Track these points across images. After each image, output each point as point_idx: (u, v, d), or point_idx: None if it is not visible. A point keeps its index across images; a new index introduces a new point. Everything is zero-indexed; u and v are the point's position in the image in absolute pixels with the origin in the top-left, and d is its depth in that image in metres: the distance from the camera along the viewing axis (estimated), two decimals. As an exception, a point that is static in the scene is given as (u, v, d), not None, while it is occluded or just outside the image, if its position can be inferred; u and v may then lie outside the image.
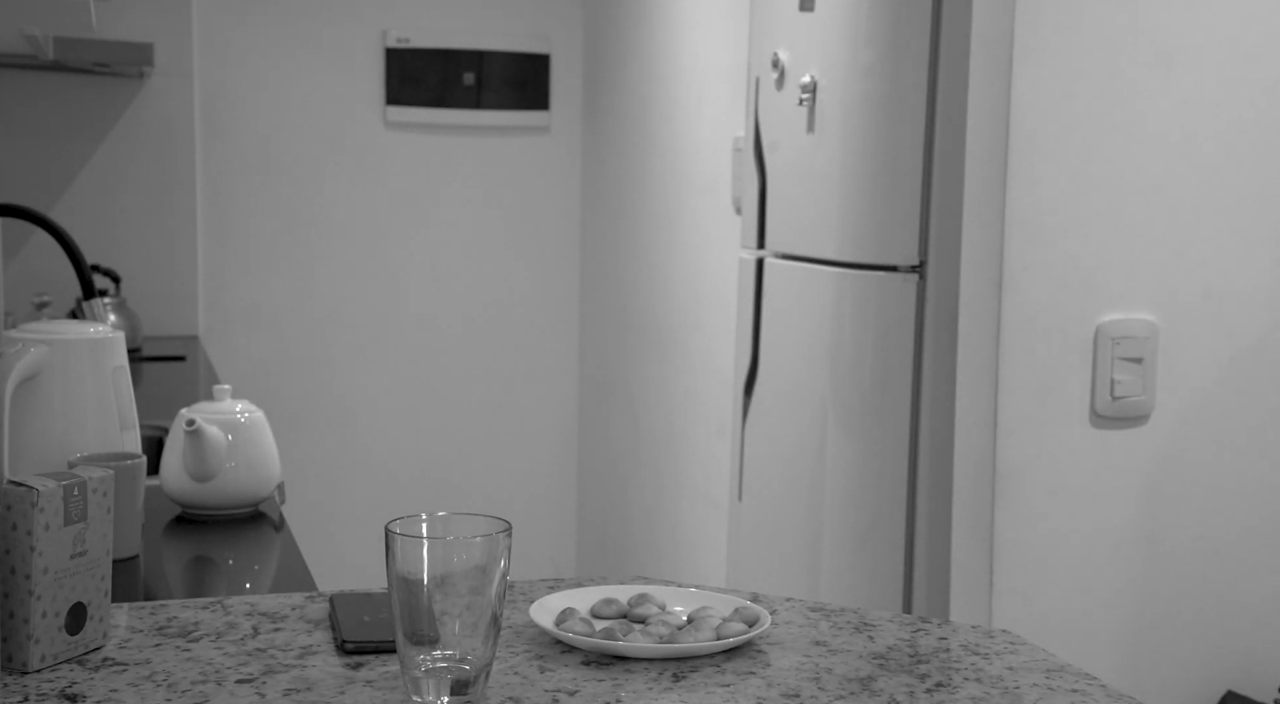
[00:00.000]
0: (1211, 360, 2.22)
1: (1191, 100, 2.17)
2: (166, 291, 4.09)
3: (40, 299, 3.58)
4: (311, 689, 1.02)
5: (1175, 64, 2.16)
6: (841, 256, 2.56)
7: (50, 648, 1.06)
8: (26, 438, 1.56)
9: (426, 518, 1.01)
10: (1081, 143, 2.15)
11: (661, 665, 1.08)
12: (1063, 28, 2.12)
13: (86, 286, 1.96)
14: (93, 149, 4.02)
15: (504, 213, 4.47)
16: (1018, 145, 2.13)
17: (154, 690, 1.01)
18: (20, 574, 1.04)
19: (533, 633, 1.16)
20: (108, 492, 1.10)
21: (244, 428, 1.76)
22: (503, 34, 4.46)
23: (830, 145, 2.63)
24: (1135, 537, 2.22)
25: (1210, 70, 2.17)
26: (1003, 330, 2.15)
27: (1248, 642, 2.28)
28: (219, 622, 1.18)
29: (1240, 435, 2.25)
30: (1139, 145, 2.17)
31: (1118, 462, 2.20)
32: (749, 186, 2.95)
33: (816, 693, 1.03)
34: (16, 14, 2.89)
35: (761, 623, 1.15)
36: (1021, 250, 2.14)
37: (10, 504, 1.04)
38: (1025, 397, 2.16)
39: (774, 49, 2.82)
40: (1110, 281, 2.18)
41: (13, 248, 3.62)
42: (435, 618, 0.96)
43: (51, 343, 1.58)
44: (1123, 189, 2.17)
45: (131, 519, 1.52)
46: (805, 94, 2.68)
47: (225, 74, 4.22)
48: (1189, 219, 2.19)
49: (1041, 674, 1.09)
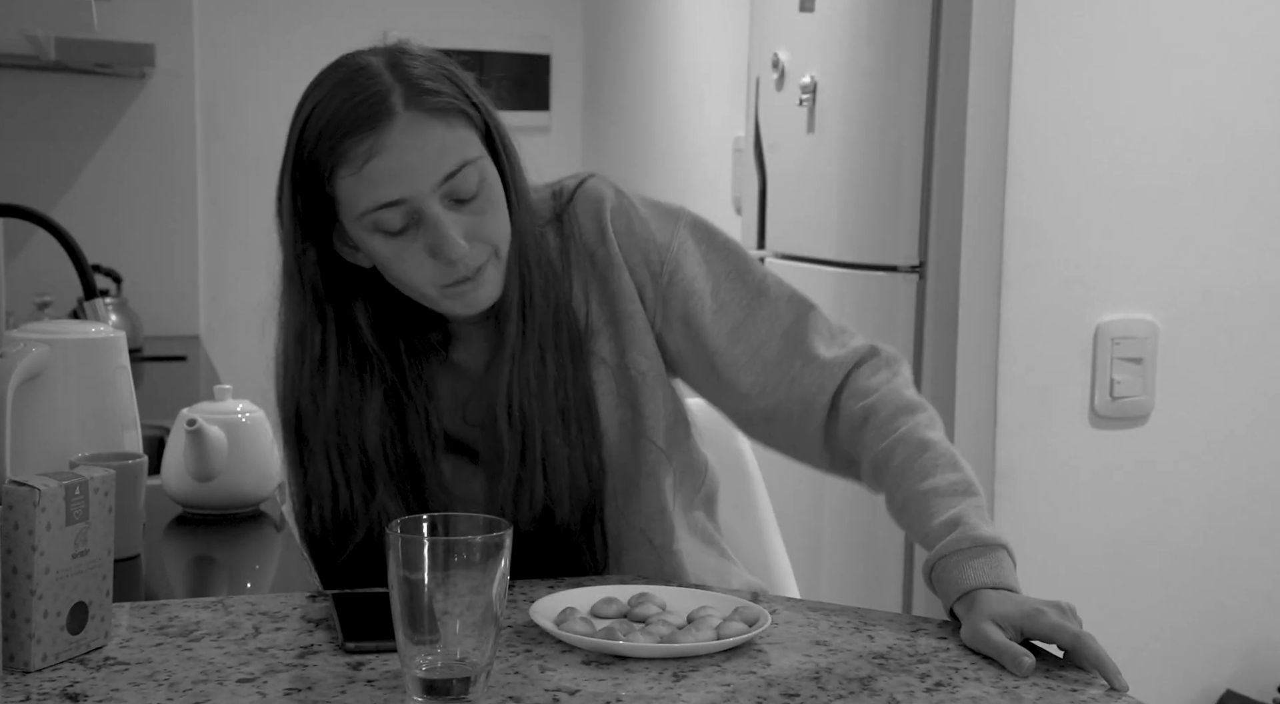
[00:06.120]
0: (1211, 360, 2.22)
1: (1190, 100, 2.17)
2: (167, 291, 4.10)
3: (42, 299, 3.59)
4: (312, 689, 1.02)
5: (1175, 64, 2.16)
6: (841, 257, 2.57)
7: (52, 647, 1.06)
8: (28, 438, 1.56)
9: (427, 518, 1.02)
10: (1081, 143, 2.15)
11: (661, 665, 1.09)
12: (1063, 28, 2.13)
13: (88, 287, 1.96)
14: (94, 149, 4.03)
15: (504, 213, 4.47)
16: (1018, 145, 2.13)
17: (155, 690, 1.01)
18: (22, 574, 1.04)
19: (533, 633, 1.16)
20: (109, 491, 1.11)
21: (245, 428, 1.76)
22: (503, 34, 4.46)
23: (830, 145, 2.64)
24: (1135, 536, 2.23)
25: (1210, 70, 2.18)
26: (1003, 330, 2.15)
27: (1247, 642, 2.28)
28: (220, 621, 1.18)
29: (1239, 435, 2.25)
30: (1139, 145, 2.17)
31: (1117, 461, 2.20)
32: (749, 186, 2.95)
33: (816, 693, 1.03)
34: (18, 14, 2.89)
35: (761, 623, 1.15)
36: (1021, 250, 2.14)
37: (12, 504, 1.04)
38: (1025, 396, 2.16)
39: (774, 49, 2.82)
40: (1110, 281, 2.18)
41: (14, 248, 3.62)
42: (436, 617, 0.97)
43: (53, 343, 1.58)
44: (1123, 189, 2.17)
45: (133, 519, 1.52)
46: (805, 94, 2.68)
47: (226, 74, 4.22)
48: (1189, 219, 2.19)
49: (1041, 674, 1.09)
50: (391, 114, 1.22)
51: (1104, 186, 2.16)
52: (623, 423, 1.40)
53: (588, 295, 1.39)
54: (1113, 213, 2.17)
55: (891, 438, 1.32)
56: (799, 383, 1.37)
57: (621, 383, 1.39)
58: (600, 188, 1.40)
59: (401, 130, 1.23)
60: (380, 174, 1.23)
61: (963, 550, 1.19)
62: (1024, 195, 2.14)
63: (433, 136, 1.23)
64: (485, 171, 1.27)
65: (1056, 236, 2.15)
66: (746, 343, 1.39)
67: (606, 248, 1.38)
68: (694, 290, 1.39)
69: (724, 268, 1.40)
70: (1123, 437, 2.21)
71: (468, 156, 1.25)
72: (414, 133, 1.23)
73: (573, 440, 1.36)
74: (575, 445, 1.36)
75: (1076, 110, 2.14)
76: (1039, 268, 2.15)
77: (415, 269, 1.27)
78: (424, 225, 1.25)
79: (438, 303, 1.31)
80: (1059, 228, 2.15)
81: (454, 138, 1.25)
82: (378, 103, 1.23)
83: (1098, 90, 2.14)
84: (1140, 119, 2.16)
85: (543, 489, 1.36)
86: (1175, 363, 2.21)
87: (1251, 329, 2.23)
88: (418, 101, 1.23)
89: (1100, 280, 2.17)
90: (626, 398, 1.39)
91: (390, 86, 1.24)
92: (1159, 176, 2.18)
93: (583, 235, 1.39)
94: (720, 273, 1.40)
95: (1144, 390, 2.20)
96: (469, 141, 1.26)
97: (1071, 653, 1.11)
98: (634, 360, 1.39)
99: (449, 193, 1.25)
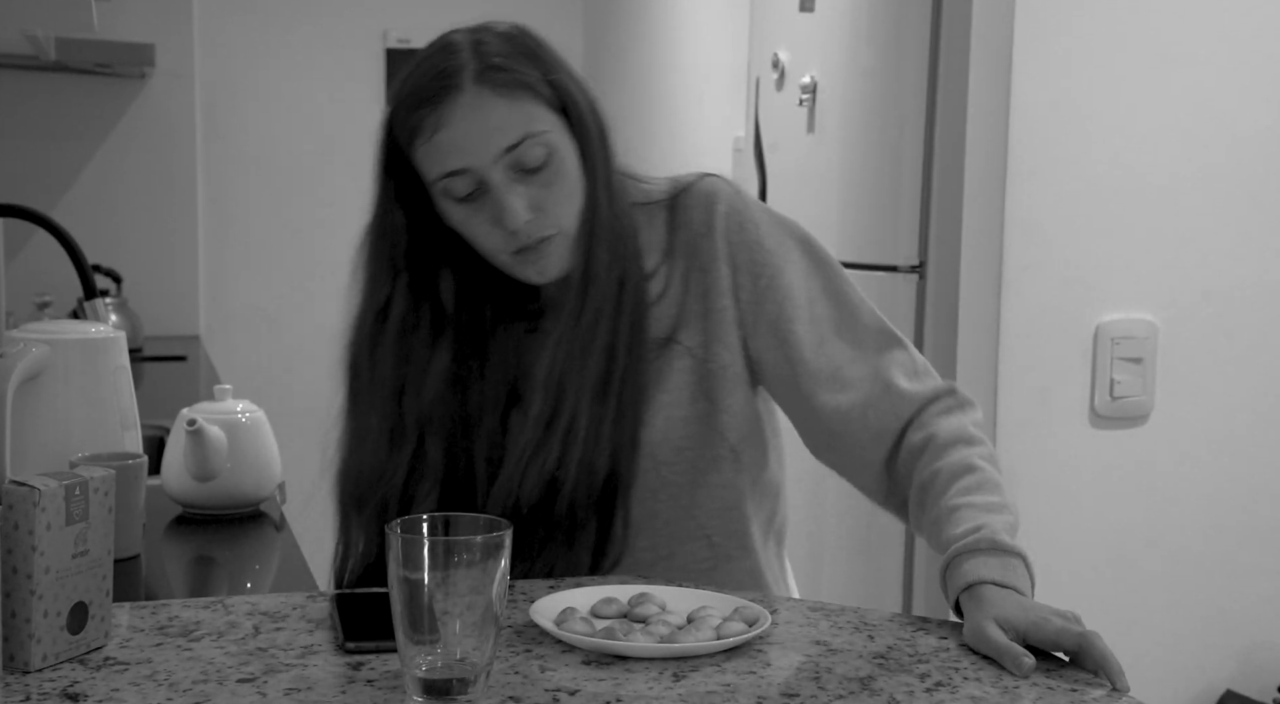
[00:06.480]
0: (1211, 360, 2.22)
1: (1190, 100, 2.17)
2: (167, 291, 4.10)
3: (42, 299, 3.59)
4: (312, 688, 1.02)
5: (1175, 64, 2.16)
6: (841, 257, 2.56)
7: (52, 647, 1.06)
8: (28, 438, 1.56)
9: (427, 518, 1.02)
10: (1081, 143, 2.15)
11: (662, 665, 1.09)
12: (1063, 28, 2.13)
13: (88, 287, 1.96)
14: (94, 149, 4.03)
15: (504, 213, 4.47)
16: (1018, 145, 2.13)
17: (155, 690, 1.01)
18: (22, 574, 1.04)
19: (533, 633, 1.16)
20: (109, 491, 1.11)
21: (245, 428, 1.77)
22: (503, 34, 4.46)
23: (830, 145, 2.64)
24: (1135, 536, 2.23)
25: (1210, 70, 2.18)
26: (1003, 330, 2.15)
27: (1247, 641, 2.28)
28: (220, 621, 1.18)
29: (1239, 435, 2.25)
30: (1139, 145, 2.17)
31: (1117, 462, 2.20)
32: (749, 187, 2.95)
33: (816, 693, 1.03)
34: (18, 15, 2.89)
35: (761, 623, 1.15)
36: (1021, 250, 2.14)
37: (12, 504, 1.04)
38: (1025, 397, 2.16)
39: (774, 49, 2.82)
40: (1110, 282, 2.18)
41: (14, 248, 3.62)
42: (436, 617, 0.97)
43: (53, 343, 1.58)
44: (1123, 189, 2.17)
45: (133, 519, 1.52)
46: (805, 94, 2.68)
47: (226, 74, 4.22)
48: (1188, 219, 2.19)
49: (1041, 674, 1.09)
50: (459, 89, 1.32)
51: (1104, 186, 2.16)
52: (699, 416, 1.42)
53: (686, 284, 1.43)
54: (1113, 213, 2.17)
55: (940, 462, 1.34)
56: (873, 408, 1.39)
57: (702, 376, 1.42)
58: (717, 185, 1.46)
59: (466, 105, 1.31)
60: (445, 144, 1.32)
61: (980, 550, 1.20)
62: (1024, 195, 2.14)
63: (494, 111, 1.31)
64: (555, 145, 1.34)
65: (1056, 237, 2.15)
66: (830, 360, 1.41)
67: (711, 241, 1.42)
68: (790, 298, 1.42)
69: (823, 285, 1.44)
70: (1123, 437, 2.21)
71: (531, 130, 1.32)
72: (477, 107, 1.31)
73: (605, 416, 1.38)
74: (605, 421, 1.38)
75: (1076, 110, 2.14)
76: (1039, 268, 2.15)
77: (484, 235, 1.35)
78: (489, 194, 1.33)
79: (511, 268, 1.38)
80: (1059, 228, 2.15)
81: (518, 113, 1.32)
82: (449, 78, 1.32)
83: (1098, 90, 2.14)
84: (1140, 119, 2.16)
85: (555, 458, 1.38)
86: (1175, 363, 2.21)
87: (1251, 329, 2.23)
88: (486, 78, 1.32)
89: (1100, 280, 2.17)
90: (705, 391, 1.42)
91: (464, 63, 1.33)
92: (1159, 176, 2.18)
93: (691, 226, 1.43)
94: (818, 288, 1.43)
95: (1144, 390, 2.20)
96: (536, 116, 1.33)
97: (1077, 653, 1.11)
98: (717, 353, 1.42)
99: (513, 163, 1.32)
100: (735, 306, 1.42)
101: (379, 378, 1.41)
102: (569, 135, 1.36)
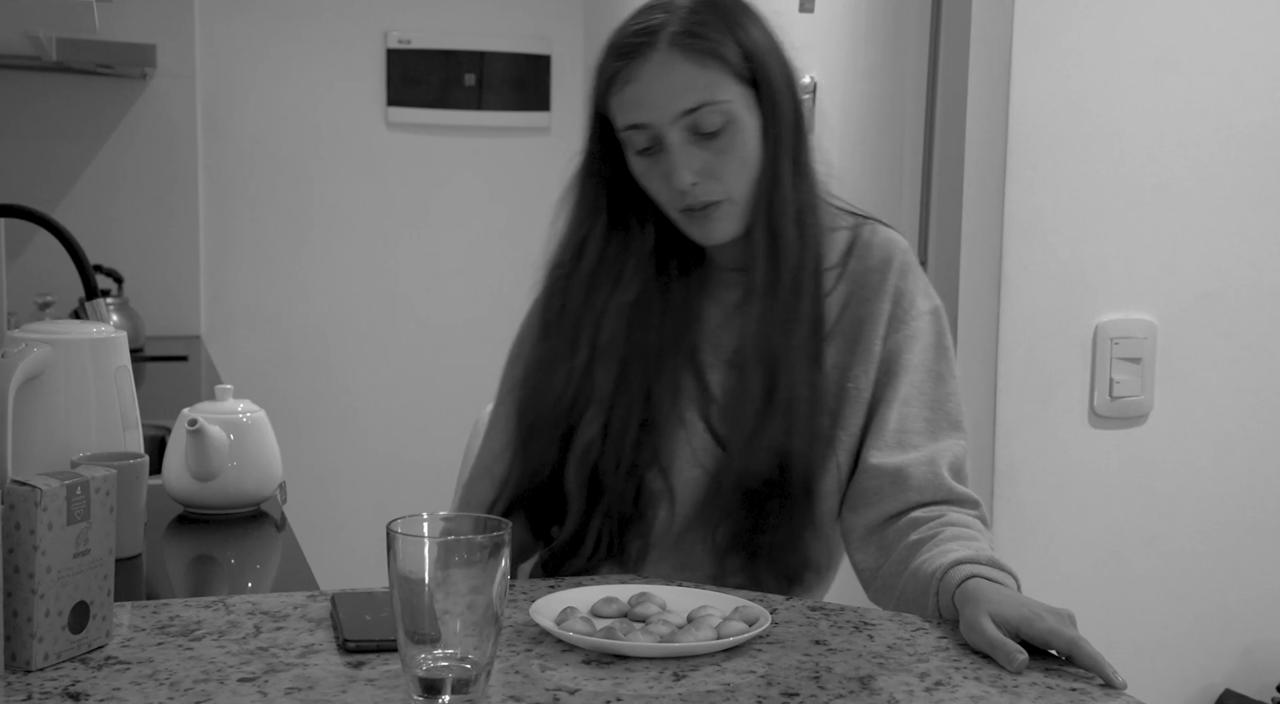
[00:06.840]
0: (1211, 360, 2.23)
1: (1190, 100, 2.18)
2: (169, 291, 4.10)
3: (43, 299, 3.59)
4: (313, 688, 1.02)
5: (1174, 64, 2.17)
6: (842, 257, 2.56)
7: (53, 646, 1.06)
8: (30, 437, 1.57)
9: (428, 517, 1.02)
10: (1081, 143, 2.15)
11: (662, 664, 1.09)
12: (1063, 28, 2.13)
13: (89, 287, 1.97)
14: (95, 150, 4.03)
15: (505, 213, 4.47)
16: (1017, 145, 2.13)
17: (156, 689, 1.01)
18: (24, 573, 1.04)
19: (533, 632, 1.16)
20: (110, 491, 1.11)
21: (246, 427, 1.77)
22: (503, 35, 4.46)
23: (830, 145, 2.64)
24: (1134, 536, 2.23)
25: (1209, 70, 2.18)
26: (1002, 330, 2.15)
27: (1246, 641, 2.28)
28: (221, 621, 1.19)
29: (1239, 435, 2.25)
30: (1138, 146, 2.17)
31: (1116, 461, 2.21)
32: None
33: (816, 692, 1.04)
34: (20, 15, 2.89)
35: (761, 622, 1.15)
36: (1021, 250, 2.15)
37: (14, 503, 1.04)
38: (1025, 396, 2.17)
39: (774, 49, 2.82)
40: (1109, 282, 2.18)
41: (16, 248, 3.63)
42: (436, 617, 0.97)
43: (54, 343, 1.59)
44: (1122, 189, 2.17)
45: (134, 518, 1.52)
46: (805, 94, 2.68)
47: (227, 75, 4.23)
48: (1188, 219, 2.20)
49: (1040, 673, 1.09)
50: (654, 48, 1.38)
51: (1104, 186, 2.16)
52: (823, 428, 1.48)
53: (845, 307, 1.49)
54: (1113, 213, 2.17)
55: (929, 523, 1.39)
56: (903, 472, 1.43)
57: (835, 394, 1.47)
58: (899, 236, 1.54)
59: (657, 63, 1.38)
60: (631, 98, 1.39)
61: (978, 561, 1.25)
62: (1024, 195, 2.14)
63: (680, 74, 1.37)
64: (735, 115, 1.39)
65: (1056, 236, 2.15)
66: (903, 422, 1.46)
67: (884, 278, 1.49)
68: (911, 355, 1.48)
69: (935, 364, 1.49)
70: (1122, 436, 2.21)
71: (712, 98, 1.38)
72: (666, 68, 1.37)
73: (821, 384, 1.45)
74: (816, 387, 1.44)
75: (1076, 110, 2.14)
76: (1039, 267, 2.15)
77: (658, 190, 1.44)
78: (665, 151, 1.40)
79: (681, 225, 1.45)
80: (1059, 228, 2.15)
81: (703, 79, 1.38)
82: (647, 35, 1.39)
83: (1098, 90, 2.14)
84: (1140, 119, 2.17)
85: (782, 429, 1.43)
86: (1175, 363, 2.21)
87: (1251, 329, 2.24)
88: (680, 41, 1.37)
89: (1100, 280, 2.18)
90: (831, 408, 1.47)
91: (665, 24, 1.39)
92: (1159, 176, 2.18)
93: (868, 258, 1.50)
94: (930, 364, 1.49)
95: (1143, 390, 2.20)
96: (720, 85, 1.38)
97: (1067, 658, 1.11)
98: (855, 376, 1.48)
99: (690, 126, 1.38)
100: (882, 342, 1.48)
101: (568, 306, 1.49)
102: (755, 109, 1.40)
